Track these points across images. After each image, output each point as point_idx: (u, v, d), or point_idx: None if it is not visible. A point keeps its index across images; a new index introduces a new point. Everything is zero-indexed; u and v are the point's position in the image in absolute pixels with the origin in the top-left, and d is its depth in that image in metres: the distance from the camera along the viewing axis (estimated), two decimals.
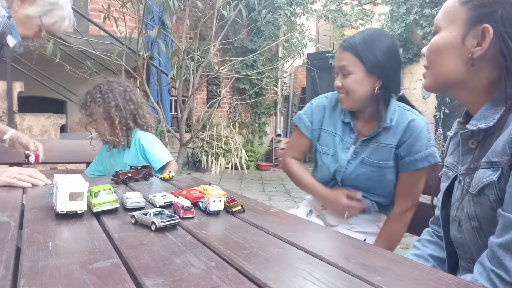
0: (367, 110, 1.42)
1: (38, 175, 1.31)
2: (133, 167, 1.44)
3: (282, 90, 8.55)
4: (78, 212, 0.92)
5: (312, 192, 1.54)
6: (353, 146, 1.44)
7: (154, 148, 1.79)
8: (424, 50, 0.92)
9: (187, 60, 3.10)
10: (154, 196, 1.07)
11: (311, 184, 1.52)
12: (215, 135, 6.88)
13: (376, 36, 1.35)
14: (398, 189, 1.41)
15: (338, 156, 1.45)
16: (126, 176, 1.39)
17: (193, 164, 6.85)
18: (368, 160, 1.40)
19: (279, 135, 8.36)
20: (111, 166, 1.89)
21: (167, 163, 1.78)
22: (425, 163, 1.34)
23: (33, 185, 1.27)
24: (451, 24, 0.85)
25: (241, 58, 4.97)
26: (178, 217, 0.87)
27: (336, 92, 1.47)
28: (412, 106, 1.43)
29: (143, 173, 1.44)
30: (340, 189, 1.46)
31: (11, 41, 1.35)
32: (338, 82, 1.38)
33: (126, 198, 1.02)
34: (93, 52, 3.07)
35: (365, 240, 1.43)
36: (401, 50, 7.47)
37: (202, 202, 1.03)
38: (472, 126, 0.83)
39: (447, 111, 6.80)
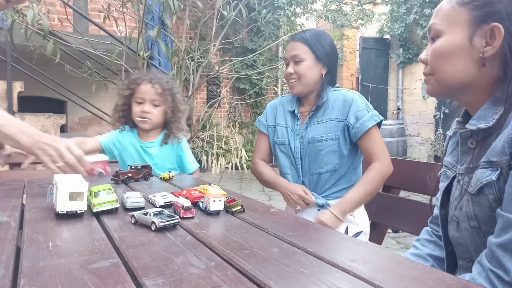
0: (312, 95, 1.60)
1: (79, 166, 1.13)
2: (133, 167, 1.44)
3: (282, 90, 8.55)
4: (78, 212, 0.92)
5: (274, 185, 1.66)
6: (300, 133, 1.61)
7: (189, 152, 1.85)
8: (423, 56, 0.90)
9: (187, 60, 3.10)
10: (154, 196, 1.07)
11: (273, 178, 1.67)
12: (215, 135, 6.88)
13: (323, 33, 1.60)
14: (367, 154, 1.54)
15: (291, 145, 1.62)
16: (126, 176, 1.39)
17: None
18: (312, 138, 1.56)
19: None
20: (136, 155, 1.80)
21: (197, 169, 1.86)
22: (372, 122, 1.49)
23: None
24: (453, 26, 0.84)
25: (241, 58, 4.97)
26: (178, 217, 0.87)
27: (285, 94, 1.71)
28: None
29: (143, 173, 1.44)
30: (299, 185, 1.61)
31: None
32: (290, 69, 1.56)
33: (126, 198, 1.02)
34: (93, 52, 3.07)
35: (346, 228, 1.53)
36: (401, 50, 7.48)
37: (202, 202, 1.03)
38: (471, 126, 0.83)
39: (447, 111, 6.81)
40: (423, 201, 1.42)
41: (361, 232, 1.55)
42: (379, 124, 1.52)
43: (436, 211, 1.01)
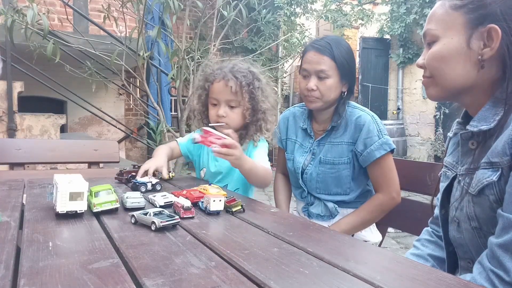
0: (329, 111, 1.49)
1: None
2: (136, 166, 1.44)
3: (282, 90, 8.54)
4: (78, 212, 0.92)
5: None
6: (311, 149, 1.53)
7: (260, 158, 1.46)
8: (420, 61, 0.90)
9: (187, 60, 3.10)
10: (154, 196, 1.07)
11: (278, 203, 1.66)
12: None
13: (344, 43, 1.45)
14: (373, 183, 1.48)
15: (295, 160, 1.54)
16: (130, 175, 1.39)
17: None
18: (324, 159, 1.48)
19: None
20: (211, 157, 1.57)
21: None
22: (381, 151, 1.40)
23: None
24: (449, 30, 0.84)
25: (241, 58, 4.96)
26: (178, 217, 0.87)
27: (297, 105, 1.62)
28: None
29: None
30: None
31: None
32: (312, 85, 1.41)
33: (126, 198, 1.02)
34: (93, 52, 3.07)
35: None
36: (401, 50, 7.48)
37: (202, 202, 1.03)
38: (472, 127, 0.83)
39: (447, 111, 6.81)
40: (423, 201, 1.41)
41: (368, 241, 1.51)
42: (392, 150, 1.42)
43: (436, 211, 1.01)
